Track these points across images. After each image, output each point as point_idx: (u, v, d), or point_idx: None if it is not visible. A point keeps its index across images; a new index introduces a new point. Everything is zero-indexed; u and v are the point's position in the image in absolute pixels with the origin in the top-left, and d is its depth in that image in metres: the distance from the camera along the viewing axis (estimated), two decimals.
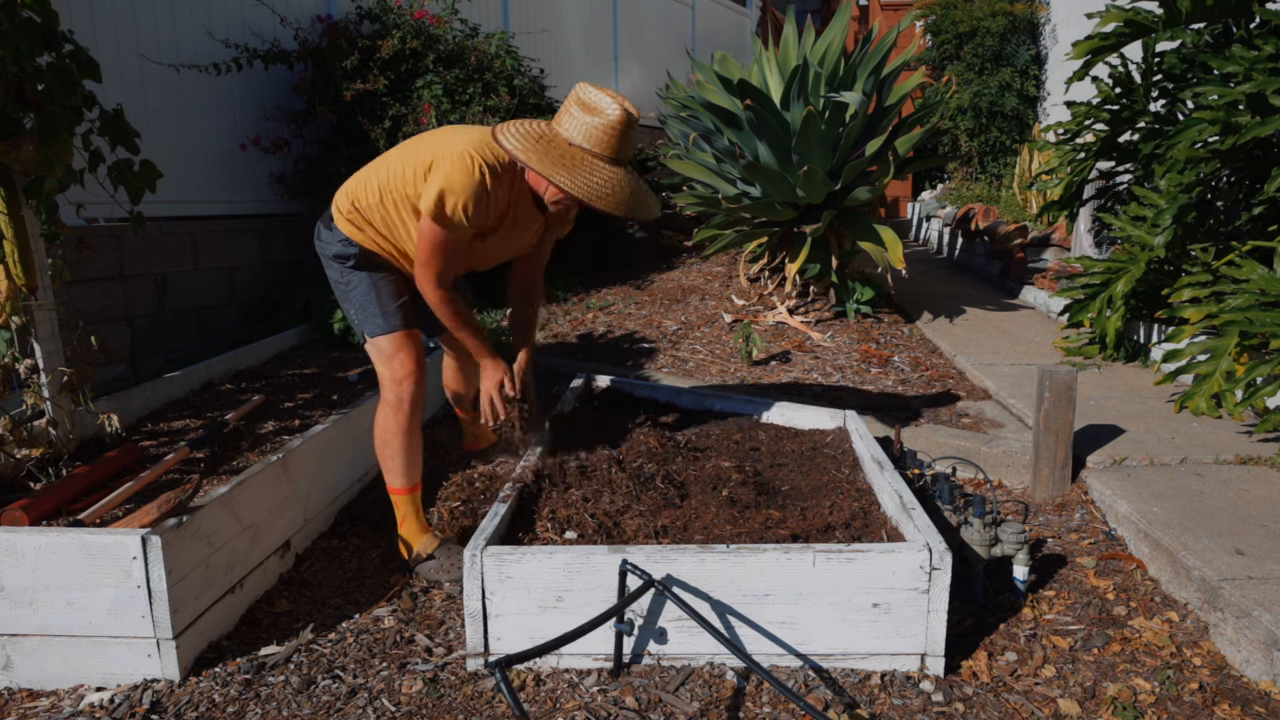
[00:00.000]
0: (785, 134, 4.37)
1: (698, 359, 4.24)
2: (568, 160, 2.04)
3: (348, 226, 2.30)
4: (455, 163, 2.07)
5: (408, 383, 2.31)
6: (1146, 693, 1.87)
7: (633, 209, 2.09)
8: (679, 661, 1.93)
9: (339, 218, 2.32)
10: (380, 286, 2.33)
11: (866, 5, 11.49)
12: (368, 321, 2.32)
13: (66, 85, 2.44)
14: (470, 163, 2.07)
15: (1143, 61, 4.04)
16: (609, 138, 2.05)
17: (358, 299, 2.33)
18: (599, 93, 2.07)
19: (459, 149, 2.09)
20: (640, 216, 2.15)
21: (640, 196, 2.13)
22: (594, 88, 2.08)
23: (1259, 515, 2.45)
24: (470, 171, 2.06)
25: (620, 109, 2.04)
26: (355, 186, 2.30)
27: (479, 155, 2.09)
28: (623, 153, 2.09)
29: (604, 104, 2.05)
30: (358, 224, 2.30)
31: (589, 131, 2.05)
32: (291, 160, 5.01)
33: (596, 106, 2.05)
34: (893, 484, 2.27)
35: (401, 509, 2.40)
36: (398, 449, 2.34)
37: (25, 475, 2.37)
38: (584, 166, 2.05)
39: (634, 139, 2.11)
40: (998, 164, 8.57)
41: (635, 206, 2.10)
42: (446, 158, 2.09)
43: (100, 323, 3.96)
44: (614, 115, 2.04)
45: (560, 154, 2.05)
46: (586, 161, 2.05)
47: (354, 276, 2.33)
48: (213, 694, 1.86)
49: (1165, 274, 3.90)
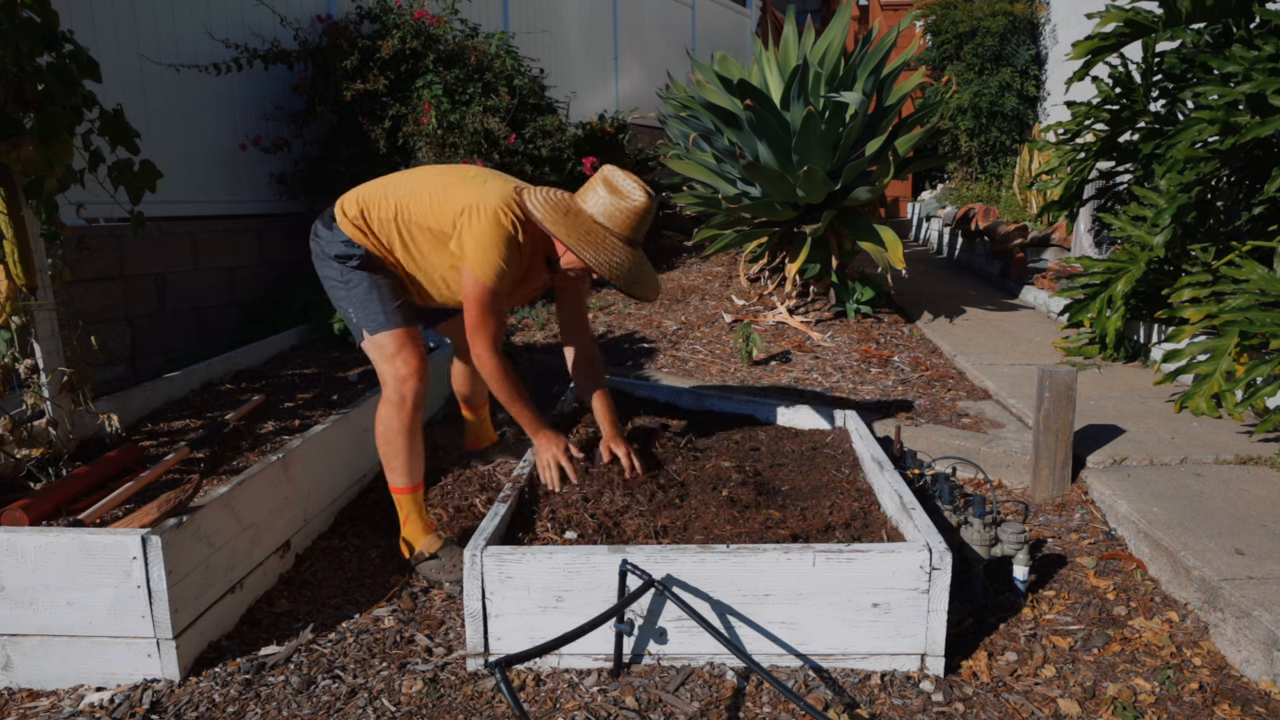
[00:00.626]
0: (785, 134, 4.37)
1: (698, 359, 4.24)
2: (591, 237, 2.19)
3: (353, 231, 2.33)
4: (492, 220, 2.19)
5: (411, 380, 2.32)
6: (1146, 693, 1.87)
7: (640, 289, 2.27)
8: (679, 661, 1.93)
9: (343, 220, 2.34)
10: (381, 286, 2.35)
11: (866, 5, 11.49)
12: (369, 319, 2.33)
13: (66, 85, 2.44)
14: (505, 220, 2.20)
15: (1143, 61, 4.04)
16: (631, 221, 2.22)
17: (359, 296, 2.34)
18: (626, 178, 2.22)
19: (492, 205, 2.20)
20: (640, 296, 2.29)
21: (647, 277, 2.30)
22: (622, 173, 2.23)
23: (1259, 515, 2.45)
24: (505, 230, 2.20)
25: (644, 196, 2.21)
26: (368, 197, 2.35)
27: (510, 212, 2.22)
28: (638, 234, 2.25)
29: (630, 190, 2.21)
30: (363, 230, 2.33)
31: (612, 212, 2.21)
32: (291, 160, 5.01)
33: (623, 191, 2.21)
34: (893, 484, 2.27)
35: (404, 508, 2.40)
36: (400, 447, 2.35)
37: (25, 475, 2.37)
38: (605, 245, 2.20)
39: (650, 222, 2.27)
40: (998, 164, 8.57)
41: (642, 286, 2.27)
42: (483, 211, 2.19)
43: (100, 323, 3.96)
44: (639, 202, 2.20)
45: (584, 229, 2.20)
46: (607, 240, 2.21)
47: (355, 275, 2.35)
48: (213, 694, 1.86)
49: (1165, 274, 3.90)
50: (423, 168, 2.45)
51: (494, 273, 2.19)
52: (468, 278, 2.21)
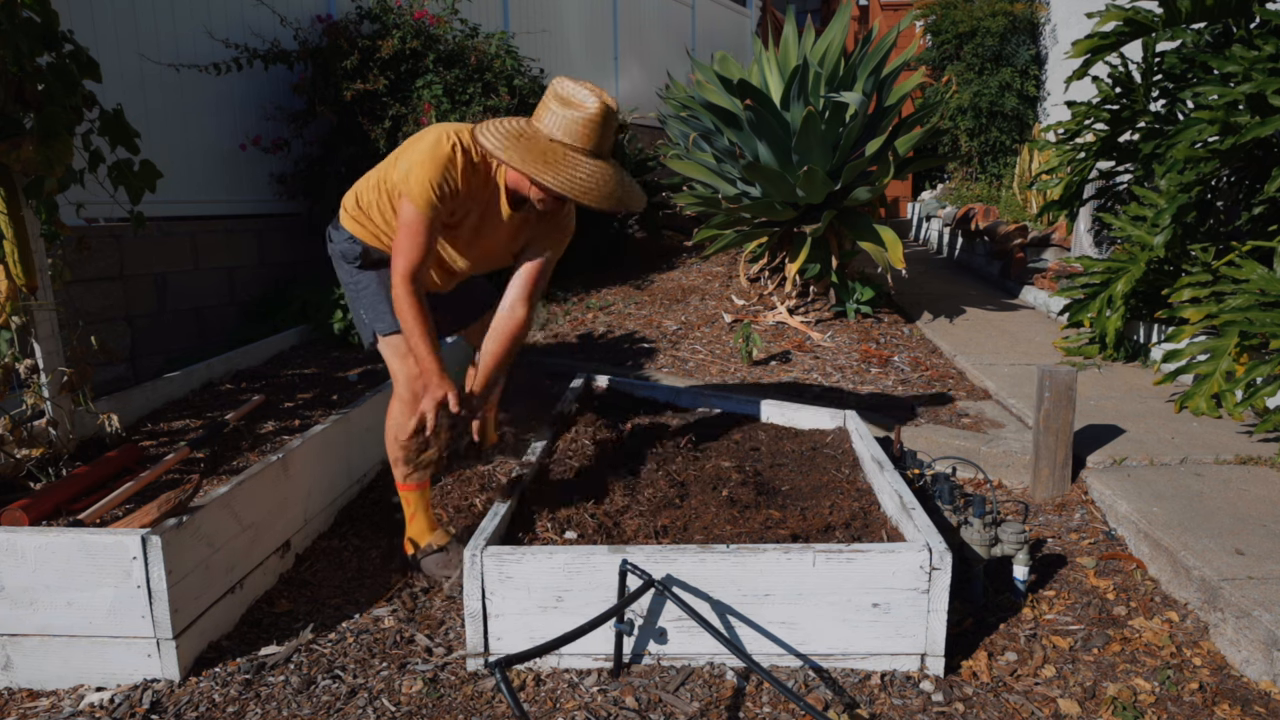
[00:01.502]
0: (785, 134, 4.37)
1: (698, 359, 4.24)
2: (548, 156, 2.00)
3: (352, 224, 2.34)
4: (429, 141, 2.06)
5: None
6: (1146, 693, 1.87)
7: (619, 200, 2.06)
8: (679, 661, 1.93)
9: (345, 216, 2.36)
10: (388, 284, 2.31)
11: (866, 5, 11.49)
12: (380, 319, 2.33)
13: (66, 85, 2.44)
14: (444, 140, 2.06)
15: (1143, 61, 4.04)
16: (588, 130, 2.01)
17: (369, 297, 2.35)
18: (576, 85, 2.02)
19: (436, 130, 2.08)
20: (627, 208, 2.11)
21: (625, 187, 2.09)
22: (571, 81, 2.04)
23: (1259, 515, 2.45)
24: (441, 146, 2.05)
25: (599, 101, 2.00)
26: (360, 184, 2.35)
27: (454, 135, 2.08)
28: (603, 145, 2.05)
29: (582, 97, 2.00)
30: (360, 220, 2.33)
31: (568, 126, 2.01)
32: (291, 160, 5.01)
33: (574, 100, 2.01)
34: (893, 484, 2.27)
35: (411, 505, 2.40)
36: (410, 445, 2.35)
37: (25, 475, 2.37)
38: (565, 161, 2.01)
39: (613, 130, 2.07)
40: (998, 164, 8.57)
41: (621, 198, 2.06)
42: (421, 137, 2.09)
43: (100, 323, 3.96)
44: (593, 108, 2.00)
45: (540, 150, 2.00)
46: (567, 156, 2.01)
47: (363, 276, 2.36)
48: (213, 694, 1.86)
49: (1165, 274, 3.90)
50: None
51: (422, 193, 2.02)
52: (401, 204, 2.07)
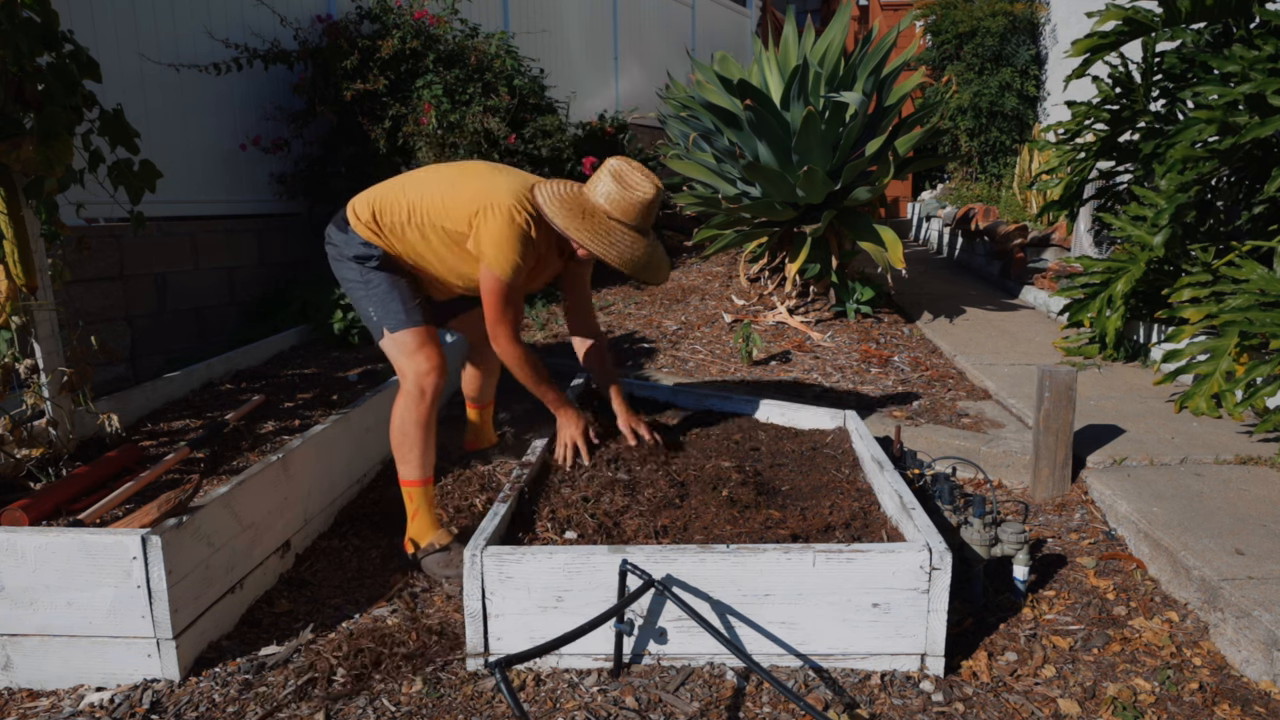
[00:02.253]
0: (785, 134, 4.37)
1: (698, 359, 4.24)
2: (601, 230, 2.28)
3: (366, 233, 2.38)
4: (507, 219, 2.25)
5: (432, 375, 2.38)
6: (1146, 693, 1.87)
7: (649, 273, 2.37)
8: (679, 661, 1.93)
9: (357, 224, 2.39)
10: (400, 284, 2.41)
11: (866, 5, 11.49)
12: (390, 317, 2.38)
13: (66, 85, 2.44)
14: (518, 217, 2.26)
15: (1143, 61, 4.04)
16: (639, 212, 2.30)
17: (379, 296, 2.39)
18: (633, 170, 2.31)
19: (506, 203, 2.26)
20: (652, 281, 2.41)
21: (657, 262, 2.39)
22: (628, 164, 2.31)
23: (1259, 515, 2.45)
24: (519, 227, 2.26)
25: (653, 188, 2.30)
26: (379, 200, 2.39)
27: (523, 209, 2.28)
28: (645, 223, 2.33)
29: (638, 182, 2.30)
30: (376, 233, 2.38)
31: (622, 205, 2.29)
32: (291, 160, 5.01)
33: (631, 184, 2.30)
34: (893, 484, 2.27)
35: (414, 501, 2.41)
36: (416, 440, 2.38)
37: (25, 475, 2.37)
38: (615, 236, 2.30)
39: (657, 208, 2.34)
40: (998, 164, 8.57)
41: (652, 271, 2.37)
42: (497, 210, 2.25)
43: (100, 323, 3.96)
44: (647, 194, 2.29)
45: (595, 224, 2.28)
46: (617, 231, 2.30)
47: (375, 275, 2.40)
48: (213, 694, 1.86)
49: (1165, 274, 3.90)
50: (431, 166, 2.51)
51: (511, 269, 2.26)
52: (486, 275, 2.28)
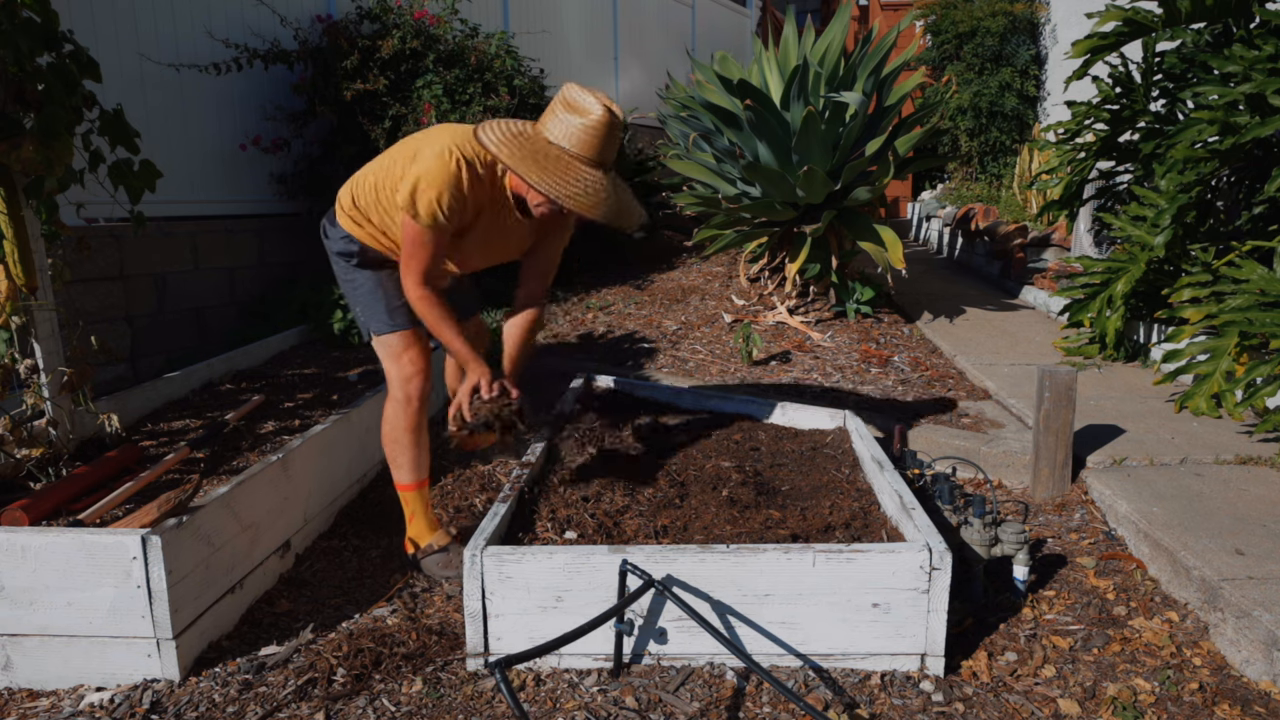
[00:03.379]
0: (785, 134, 4.37)
1: (698, 359, 4.24)
2: (546, 160, 1.99)
3: (348, 223, 2.33)
4: (433, 157, 2.05)
5: (416, 380, 2.32)
6: (1146, 693, 1.87)
7: (612, 215, 2.04)
8: (679, 661, 1.93)
9: (341, 214, 2.35)
10: (385, 285, 2.34)
11: (866, 5, 11.49)
12: (374, 319, 2.34)
13: (66, 85, 2.44)
14: (448, 156, 2.05)
15: (1143, 61, 4.04)
16: (590, 138, 1.99)
17: (363, 297, 2.35)
18: (584, 92, 2.01)
19: (439, 144, 2.07)
20: (619, 225, 2.09)
21: (622, 204, 2.07)
22: (580, 88, 2.03)
23: (1259, 515, 2.45)
24: (446, 165, 2.04)
25: (603, 109, 1.99)
26: (355, 183, 2.33)
27: (458, 150, 2.07)
28: (604, 155, 2.03)
29: (588, 103, 1.99)
30: (357, 220, 2.32)
31: (570, 131, 1.99)
32: (291, 160, 5.01)
33: (580, 106, 1.99)
34: (893, 484, 2.27)
35: (410, 504, 2.41)
36: (407, 445, 2.35)
37: (25, 475, 2.37)
38: (561, 167, 1.99)
39: (617, 141, 2.05)
40: (998, 164, 8.56)
41: (615, 213, 2.04)
42: (426, 152, 2.07)
43: (100, 323, 3.96)
44: (596, 115, 1.98)
45: (539, 152, 1.99)
46: (565, 162, 1.99)
47: (358, 275, 2.35)
48: (213, 694, 1.86)
49: (1165, 274, 3.90)
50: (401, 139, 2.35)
51: (429, 215, 2.05)
52: (405, 223, 2.09)
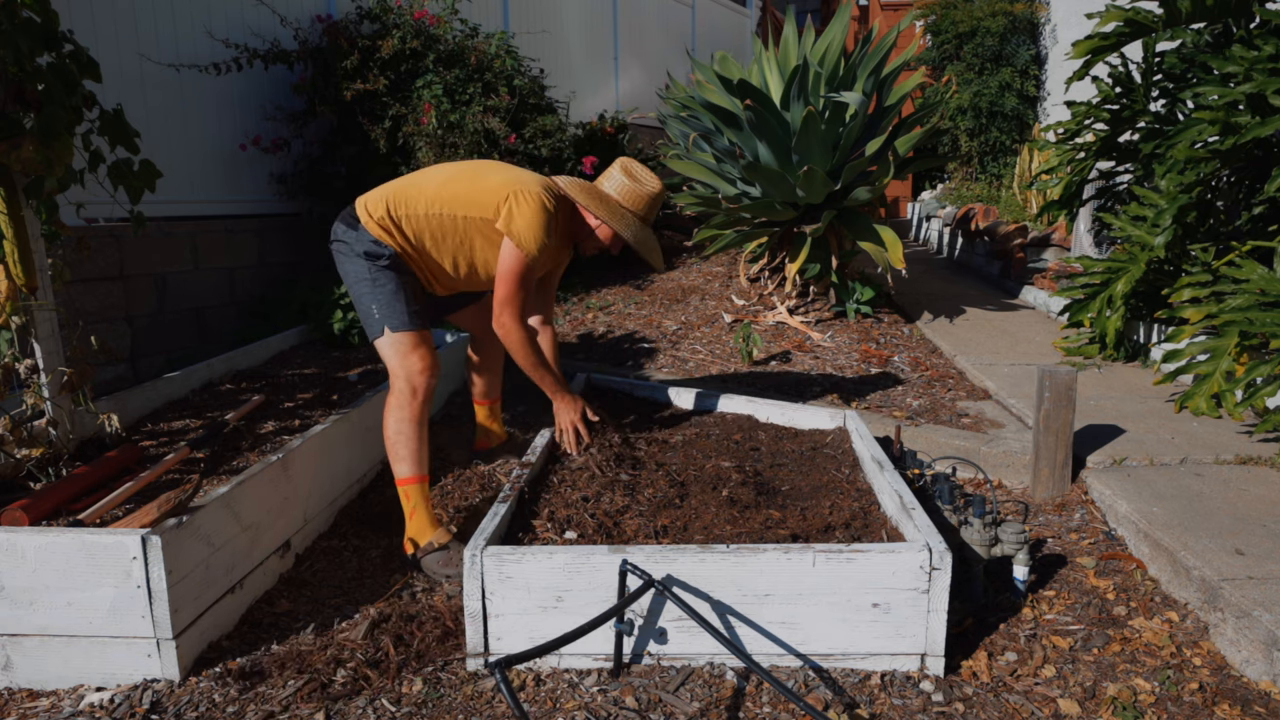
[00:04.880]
0: (785, 134, 4.37)
1: (698, 359, 4.24)
2: (616, 214, 2.57)
3: (379, 231, 2.45)
4: (538, 201, 2.41)
5: (425, 375, 2.43)
6: (1146, 693, 1.87)
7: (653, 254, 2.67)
8: (679, 661, 1.93)
9: (368, 221, 2.46)
10: (406, 287, 2.48)
11: (866, 5, 11.49)
12: (393, 317, 2.43)
13: (66, 85, 2.44)
14: (548, 200, 2.44)
15: (1143, 61, 4.04)
16: (647, 202, 2.62)
17: (386, 296, 2.44)
18: (642, 168, 2.63)
19: (535, 188, 2.44)
20: (652, 262, 2.68)
21: (656, 248, 2.69)
22: (636, 163, 2.64)
23: (1259, 515, 2.45)
24: (551, 210, 2.44)
25: (658, 184, 2.64)
26: (394, 195, 2.48)
27: (550, 194, 2.47)
28: (651, 216, 2.65)
29: (647, 178, 2.63)
30: (389, 230, 2.45)
31: (633, 196, 2.59)
32: (291, 160, 5.01)
33: (640, 179, 2.62)
34: (893, 484, 2.27)
35: (411, 499, 2.41)
36: (410, 437, 2.41)
37: (25, 475, 2.37)
38: (628, 220, 2.59)
39: (660, 203, 2.67)
40: (998, 164, 8.56)
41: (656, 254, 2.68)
42: (529, 194, 2.42)
43: (100, 323, 3.96)
44: (654, 187, 2.62)
45: (612, 208, 2.58)
46: (628, 217, 2.59)
47: (383, 275, 2.46)
48: (213, 694, 1.86)
49: (1165, 274, 3.90)
50: (442, 164, 2.66)
51: (538, 248, 2.41)
52: (511, 254, 2.42)
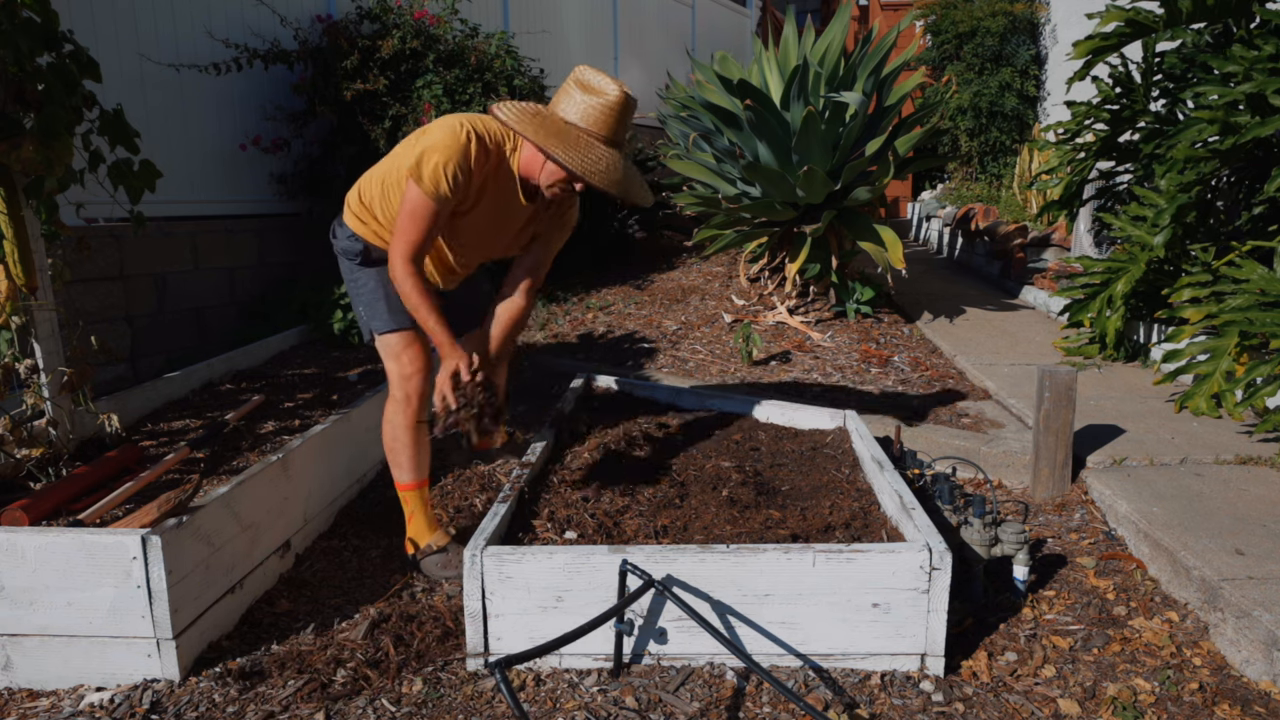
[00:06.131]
0: (785, 134, 4.37)
1: (698, 359, 4.24)
2: (565, 137, 2.05)
3: (354, 221, 2.35)
4: (443, 128, 2.09)
5: (415, 379, 2.33)
6: (1146, 693, 1.87)
7: (626, 190, 2.12)
8: (679, 661, 1.93)
9: (347, 212, 2.37)
10: (388, 283, 2.31)
11: (866, 5, 11.49)
12: (376, 318, 2.35)
13: (66, 85, 2.44)
14: (459, 129, 2.09)
15: (1143, 61, 4.04)
16: (606, 118, 2.07)
17: (366, 295, 2.36)
18: (598, 74, 2.10)
19: (450, 118, 2.12)
20: (633, 199, 2.16)
21: (633, 179, 2.16)
22: (593, 70, 2.11)
23: (1259, 515, 2.45)
24: (456, 135, 2.07)
25: (619, 90, 2.08)
26: (363, 181, 2.36)
27: (469, 124, 2.11)
28: (618, 134, 2.11)
29: (603, 85, 2.08)
30: (362, 218, 2.33)
31: (587, 111, 2.06)
32: (291, 160, 5.01)
33: (596, 87, 2.08)
34: (893, 484, 2.27)
35: (410, 504, 2.41)
36: (406, 444, 2.36)
37: (25, 475, 2.37)
38: (580, 144, 2.06)
39: (629, 122, 2.13)
40: (998, 164, 8.56)
41: (629, 188, 2.12)
42: (436, 126, 2.11)
43: (100, 323, 3.96)
44: (613, 96, 2.07)
45: (557, 130, 2.06)
46: (583, 140, 2.06)
47: (362, 273, 2.36)
48: (213, 694, 1.86)
49: (1165, 274, 3.90)
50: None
51: (433, 179, 2.05)
52: (408, 190, 2.09)
